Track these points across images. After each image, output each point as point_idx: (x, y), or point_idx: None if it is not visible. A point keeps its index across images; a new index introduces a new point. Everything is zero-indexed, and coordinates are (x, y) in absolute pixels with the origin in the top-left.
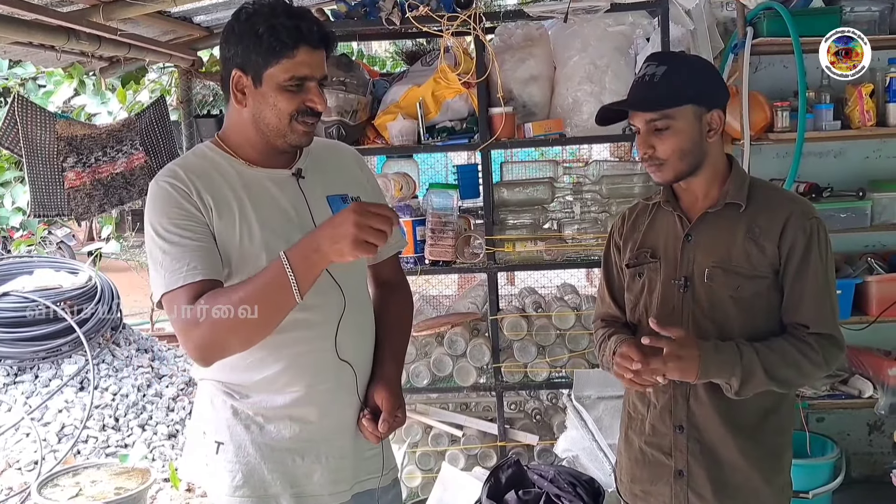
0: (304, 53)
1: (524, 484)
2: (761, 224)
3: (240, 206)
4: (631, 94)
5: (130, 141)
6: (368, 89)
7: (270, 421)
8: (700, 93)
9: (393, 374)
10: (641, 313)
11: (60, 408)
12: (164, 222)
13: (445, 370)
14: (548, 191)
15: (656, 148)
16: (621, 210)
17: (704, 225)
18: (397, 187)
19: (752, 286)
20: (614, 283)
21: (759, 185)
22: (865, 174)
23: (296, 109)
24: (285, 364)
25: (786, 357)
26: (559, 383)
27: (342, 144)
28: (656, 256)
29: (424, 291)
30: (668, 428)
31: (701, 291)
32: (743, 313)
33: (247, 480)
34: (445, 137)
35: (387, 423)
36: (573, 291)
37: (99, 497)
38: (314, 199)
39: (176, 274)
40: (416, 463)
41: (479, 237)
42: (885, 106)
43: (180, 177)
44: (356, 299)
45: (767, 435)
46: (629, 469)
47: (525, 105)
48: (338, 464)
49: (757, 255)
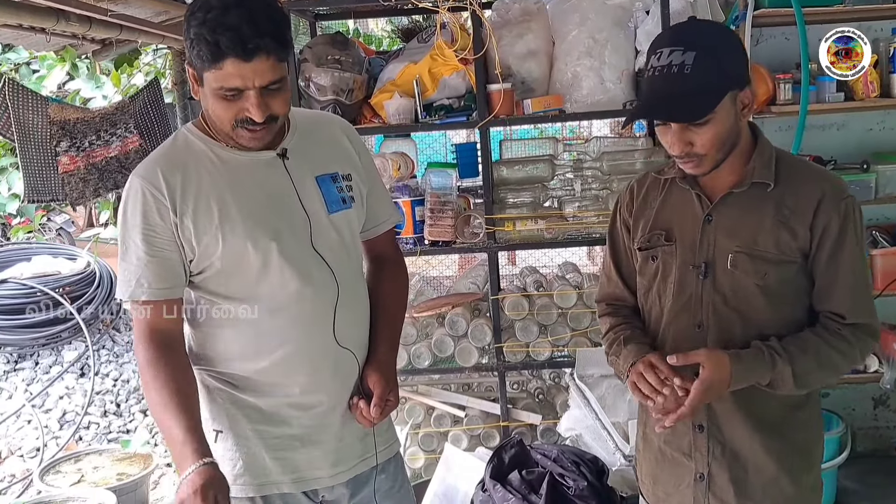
0: (232, 66)
1: (527, 464)
2: (791, 204)
3: (220, 200)
4: (659, 90)
5: (125, 124)
6: (364, 67)
7: (271, 408)
8: (736, 74)
9: (386, 357)
10: (654, 300)
11: (61, 394)
12: (129, 226)
13: (447, 351)
14: (548, 168)
15: (695, 143)
16: (622, 187)
17: (727, 206)
18: (395, 167)
19: (780, 272)
20: (622, 263)
21: (785, 160)
22: (869, 146)
23: (234, 118)
24: (284, 354)
25: (820, 357)
26: (561, 362)
27: (330, 116)
28: (671, 239)
29: (425, 272)
30: (688, 427)
31: (723, 279)
32: (770, 302)
33: (248, 468)
34: (443, 115)
35: (378, 407)
36: (574, 270)
37: (101, 483)
38: (301, 181)
39: (126, 285)
40: (418, 444)
41: (478, 216)
42: (888, 77)
43: (157, 180)
44: (350, 282)
45: (795, 430)
46: (650, 470)
47: (524, 81)
48: (338, 446)
49: (787, 239)
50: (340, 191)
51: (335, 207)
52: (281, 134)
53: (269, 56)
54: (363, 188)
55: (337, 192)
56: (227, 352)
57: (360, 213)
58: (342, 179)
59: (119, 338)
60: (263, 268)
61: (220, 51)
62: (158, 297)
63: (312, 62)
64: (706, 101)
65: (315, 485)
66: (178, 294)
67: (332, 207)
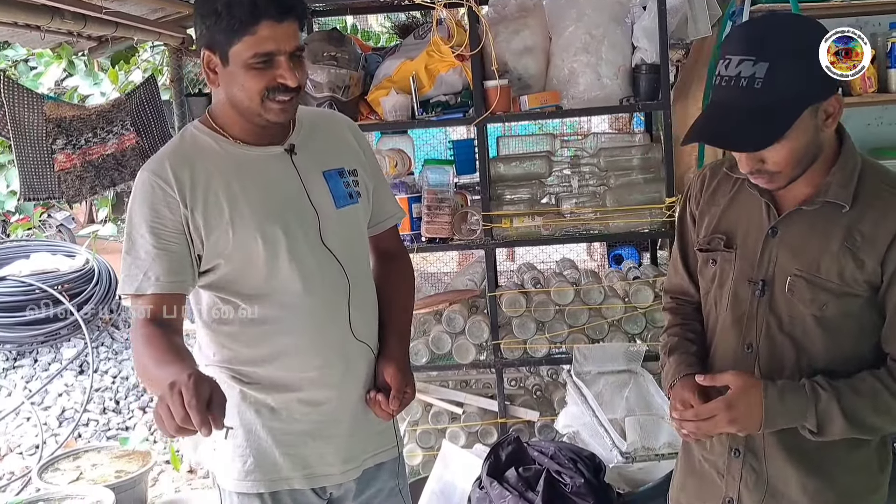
0: (267, 28)
1: (524, 461)
2: (865, 231)
3: (229, 194)
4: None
5: (121, 121)
6: (360, 64)
7: (281, 404)
8: (815, 83)
9: (400, 351)
10: (711, 306)
11: (60, 391)
12: (137, 220)
13: (444, 348)
14: (545, 165)
15: (766, 160)
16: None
17: (795, 221)
18: (392, 164)
19: (842, 305)
20: (689, 255)
21: (870, 176)
22: (867, 142)
23: (265, 87)
24: (295, 349)
25: (877, 402)
26: (559, 359)
27: (336, 114)
28: (732, 245)
29: (423, 269)
30: (724, 447)
31: (780, 301)
32: (827, 335)
33: (258, 465)
34: (440, 112)
35: (397, 399)
36: (572, 266)
37: (100, 480)
38: (309, 176)
39: (132, 279)
40: (416, 441)
41: (475, 213)
42: (886, 72)
43: (166, 174)
44: (360, 277)
45: (846, 472)
46: (681, 476)
47: (520, 77)
48: (349, 441)
49: (852, 270)
50: (347, 186)
51: (343, 202)
52: (287, 130)
53: (297, 19)
54: (369, 184)
55: (344, 188)
56: (237, 349)
57: (366, 208)
58: (349, 175)
59: (118, 335)
60: (273, 262)
61: (257, 11)
62: (166, 291)
63: (308, 59)
64: (778, 122)
65: (325, 481)
66: (184, 289)
67: (340, 202)
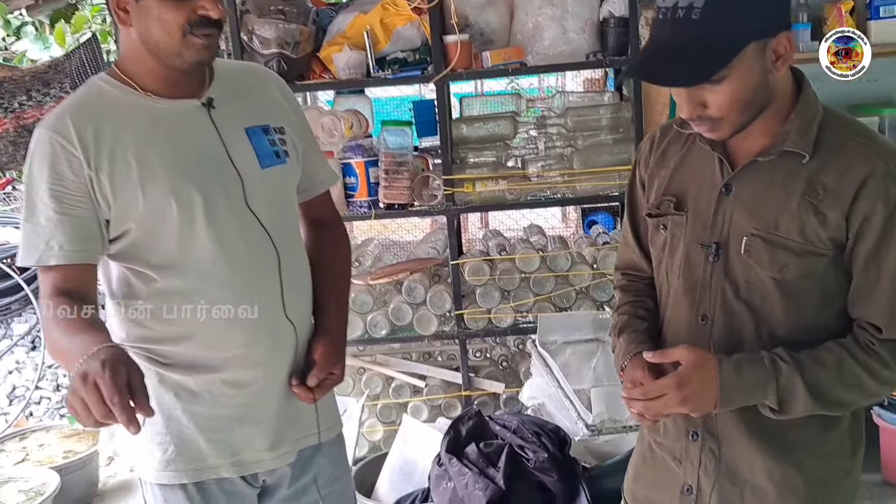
0: None
1: (486, 436)
2: (828, 183)
3: (139, 152)
4: (659, 40)
5: (59, 84)
6: (312, 18)
7: (203, 387)
8: (761, 17)
9: (335, 328)
10: (663, 278)
11: (11, 369)
12: (37, 183)
13: (405, 319)
14: (510, 126)
15: (708, 104)
16: (587, 144)
17: (752, 176)
18: (347, 125)
19: (803, 266)
20: (640, 225)
21: (834, 124)
22: (847, 98)
23: (186, 21)
24: (216, 326)
25: (843, 374)
26: (525, 328)
27: (262, 68)
28: (682, 208)
29: (385, 237)
30: (681, 430)
31: (736, 265)
32: (789, 301)
33: (181, 453)
34: (397, 69)
35: (315, 378)
36: (539, 232)
37: (46, 461)
38: (229, 133)
39: (32, 249)
40: (376, 416)
41: (436, 177)
42: (866, 24)
43: (67, 131)
44: (289, 246)
45: (816, 458)
46: (634, 464)
47: (482, 32)
48: (279, 426)
49: (814, 226)
50: (273, 144)
51: (269, 161)
52: (204, 82)
53: None
54: (298, 144)
55: (269, 146)
56: (151, 326)
57: (296, 169)
58: (275, 132)
59: None
60: (189, 227)
61: None
62: (71, 261)
63: (254, 13)
64: (716, 56)
65: (256, 468)
66: (92, 258)
67: (266, 162)
